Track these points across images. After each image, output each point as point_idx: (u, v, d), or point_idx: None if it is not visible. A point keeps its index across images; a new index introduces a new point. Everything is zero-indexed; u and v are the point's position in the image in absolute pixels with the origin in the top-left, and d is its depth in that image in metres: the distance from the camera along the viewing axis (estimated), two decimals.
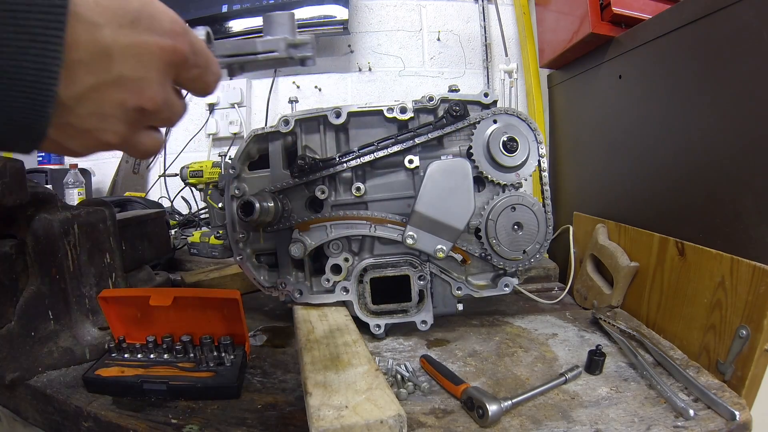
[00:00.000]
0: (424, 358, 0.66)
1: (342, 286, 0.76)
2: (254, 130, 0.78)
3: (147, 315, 0.68)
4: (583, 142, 1.09)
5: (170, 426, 0.54)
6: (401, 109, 0.75)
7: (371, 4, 1.35)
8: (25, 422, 0.65)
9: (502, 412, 0.53)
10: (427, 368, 0.64)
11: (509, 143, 0.73)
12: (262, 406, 0.58)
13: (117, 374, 0.62)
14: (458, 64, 1.38)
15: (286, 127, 0.76)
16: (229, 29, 1.15)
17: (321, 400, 0.47)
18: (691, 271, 0.67)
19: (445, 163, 0.70)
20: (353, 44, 1.33)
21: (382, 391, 0.48)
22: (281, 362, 0.70)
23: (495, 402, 0.53)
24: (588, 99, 1.05)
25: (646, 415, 0.54)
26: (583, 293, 0.93)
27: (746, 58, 0.60)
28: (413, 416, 0.55)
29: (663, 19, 0.77)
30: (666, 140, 0.77)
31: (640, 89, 0.85)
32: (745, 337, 0.56)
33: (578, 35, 0.98)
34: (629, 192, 0.89)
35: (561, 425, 0.53)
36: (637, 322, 0.78)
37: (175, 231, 1.38)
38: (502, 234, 0.74)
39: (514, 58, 1.35)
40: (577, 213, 1.04)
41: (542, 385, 0.59)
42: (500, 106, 0.75)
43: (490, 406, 0.52)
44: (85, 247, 0.67)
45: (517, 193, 0.74)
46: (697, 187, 0.70)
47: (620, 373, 0.64)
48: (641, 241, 0.79)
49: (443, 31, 1.37)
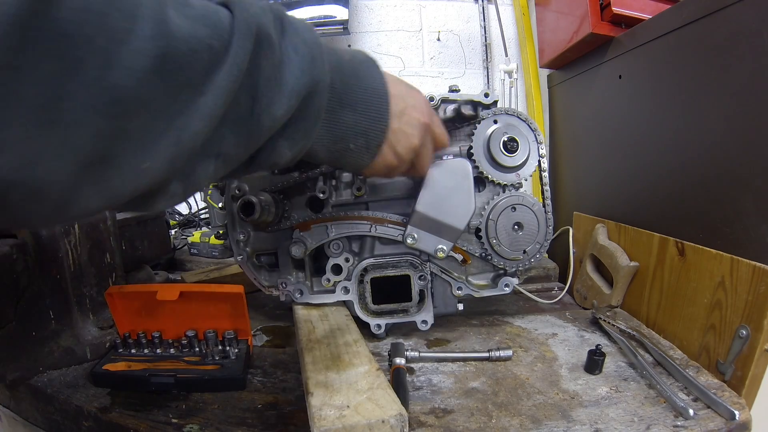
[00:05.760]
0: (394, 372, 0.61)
1: (342, 286, 0.76)
2: None
3: (152, 311, 0.68)
4: (583, 142, 1.09)
5: (171, 426, 0.54)
6: None
7: (371, 4, 1.35)
8: (26, 422, 0.66)
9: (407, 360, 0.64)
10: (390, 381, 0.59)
11: (509, 143, 0.73)
12: (263, 406, 0.58)
13: (124, 368, 0.62)
14: (458, 64, 1.38)
15: None
16: None
17: (323, 399, 0.47)
18: (691, 271, 0.67)
19: (445, 163, 0.70)
20: (353, 44, 1.33)
21: (384, 391, 0.48)
22: (281, 362, 0.70)
23: (401, 356, 0.63)
24: (588, 99, 1.05)
25: (645, 415, 0.54)
26: (582, 293, 0.93)
27: (746, 58, 0.60)
28: (414, 416, 0.55)
29: (663, 19, 0.77)
30: (666, 140, 0.77)
31: (640, 89, 0.85)
32: (745, 337, 0.56)
33: (578, 35, 0.98)
34: (629, 192, 0.89)
35: (561, 425, 0.53)
36: (637, 321, 0.78)
37: (175, 231, 1.38)
38: (503, 234, 0.74)
39: (514, 59, 1.35)
40: (577, 213, 1.04)
41: (463, 353, 0.68)
42: (500, 106, 0.76)
43: (395, 359, 0.62)
44: (86, 246, 0.68)
45: (518, 193, 0.75)
46: (697, 187, 0.70)
47: (620, 372, 0.64)
48: (641, 241, 0.79)
49: (443, 31, 1.37)
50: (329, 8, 1.14)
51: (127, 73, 0.26)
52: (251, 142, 0.37)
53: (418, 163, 0.56)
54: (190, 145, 0.31)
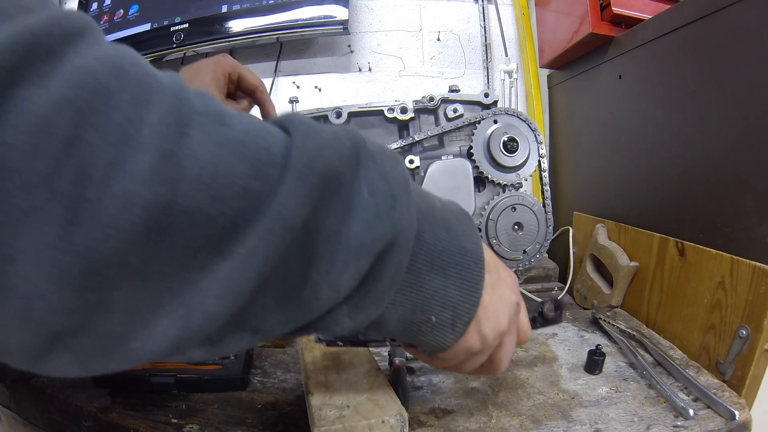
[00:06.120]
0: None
1: None
2: None
3: None
4: (583, 142, 1.09)
5: (170, 426, 0.54)
6: (402, 109, 0.75)
7: (371, 4, 1.34)
8: (26, 422, 0.65)
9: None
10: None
11: (509, 143, 0.73)
12: (263, 406, 0.58)
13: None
14: (458, 64, 1.38)
15: None
16: (229, 29, 1.15)
17: (322, 400, 0.47)
18: (691, 271, 0.67)
19: (445, 163, 0.70)
20: (353, 44, 1.33)
21: (384, 391, 0.48)
22: (281, 362, 0.70)
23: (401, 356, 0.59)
24: (588, 99, 1.05)
25: (645, 415, 0.54)
26: (583, 293, 0.93)
27: (746, 58, 0.60)
28: (413, 416, 0.55)
29: (663, 19, 0.77)
30: (666, 140, 0.77)
31: (640, 89, 0.85)
32: (745, 337, 0.56)
33: (578, 35, 0.98)
34: (629, 192, 0.89)
35: (561, 425, 0.53)
36: (637, 321, 0.78)
37: None
38: (503, 234, 0.74)
39: (514, 59, 1.35)
40: (577, 213, 1.04)
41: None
42: (500, 106, 0.76)
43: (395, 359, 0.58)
44: None
45: (518, 193, 0.75)
46: (697, 187, 0.70)
47: (620, 372, 0.64)
48: (641, 241, 0.79)
49: (443, 31, 1.37)
50: (329, 8, 1.13)
51: (106, 233, 0.18)
52: (304, 316, 0.27)
53: (497, 355, 0.41)
54: (203, 328, 0.22)
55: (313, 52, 1.33)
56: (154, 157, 0.19)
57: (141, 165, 0.18)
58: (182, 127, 0.20)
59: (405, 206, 0.29)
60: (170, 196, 0.19)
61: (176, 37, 1.15)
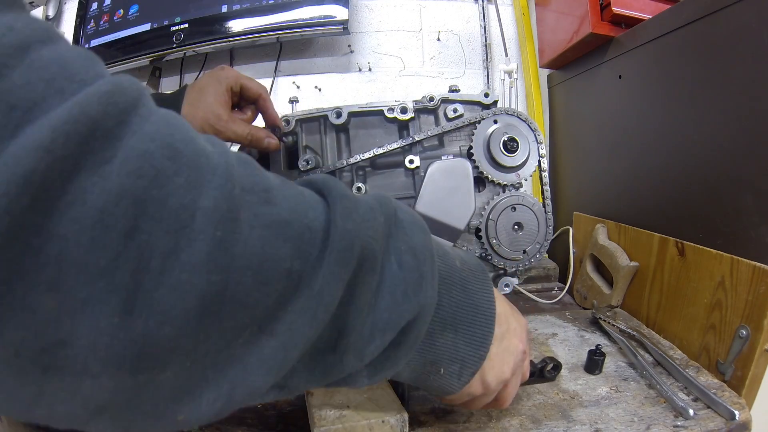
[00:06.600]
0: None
1: None
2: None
3: None
4: (583, 142, 1.09)
5: None
6: (402, 109, 0.75)
7: (371, 4, 1.34)
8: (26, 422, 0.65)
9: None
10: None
11: (509, 143, 0.73)
12: (262, 406, 0.58)
13: None
14: (458, 64, 1.38)
15: (287, 126, 0.76)
16: (229, 29, 1.15)
17: (322, 399, 0.47)
18: (691, 271, 0.67)
19: (445, 163, 0.70)
20: (353, 44, 1.33)
21: (384, 391, 0.48)
22: None
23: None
24: (588, 99, 1.05)
25: (645, 415, 0.54)
26: (582, 293, 0.93)
27: (746, 58, 0.60)
28: (413, 416, 0.55)
29: (663, 19, 0.77)
30: (666, 140, 0.77)
31: (640, 89, 0.85)
32: (745, 337, 0.56)
33: (578, 35, 0.98)
34: (629, 192, 0.89)
35: (561, 425, 0.53)
36: (637, 321, 0.78)
37: None
38: (503, 234, 0.74)
39: (514, 59, 1.35)
40: (577, 213, 1.04)
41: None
42: (500, 106, 0.76)
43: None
44: None
45: (518, 193, 0.75)
46: (697, 187, 0.70)
47: (620, 372, 0.64)
48: (641, 241, 0.79)
49: (443, 31, 1.37)
50: (329, 8, 1.14)
51: (161, 320, 0.19)
52: (327, 378, 0.29)
53: (501, 395, 0.44)
54: (246, 400, 0.24)
55: (313, 52, 1.33)
56: (208, 246, 0.19)
57: (196, 254, 0.19)
58: (233, 212, 0.20)
59: (430, 284, 0.31)
60: (223, 284, 0.20)
61: (176, 37, 1.15)
